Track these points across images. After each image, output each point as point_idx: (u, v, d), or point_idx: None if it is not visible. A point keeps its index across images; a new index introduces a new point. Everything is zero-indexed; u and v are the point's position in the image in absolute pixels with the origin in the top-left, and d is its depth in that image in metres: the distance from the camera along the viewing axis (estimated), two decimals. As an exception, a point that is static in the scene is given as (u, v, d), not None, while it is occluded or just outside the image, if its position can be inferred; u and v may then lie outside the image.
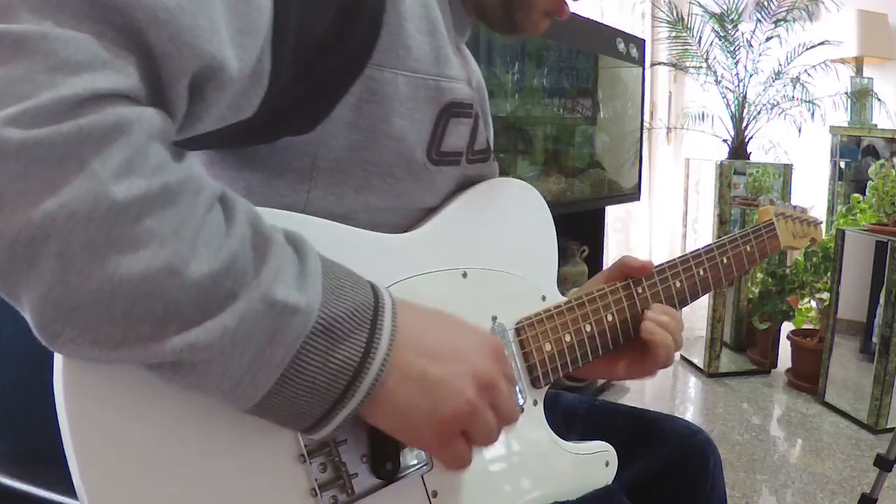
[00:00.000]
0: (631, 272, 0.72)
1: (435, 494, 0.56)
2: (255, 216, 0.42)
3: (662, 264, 0.75)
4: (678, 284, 0.75)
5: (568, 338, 0.67)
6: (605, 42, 2.26)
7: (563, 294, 0.71)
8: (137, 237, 0.34)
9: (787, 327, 2.74)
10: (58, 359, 0.41)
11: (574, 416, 0.84)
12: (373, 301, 0.45)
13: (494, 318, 0.63)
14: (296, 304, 0.40)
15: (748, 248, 0.82)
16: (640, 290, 0.72)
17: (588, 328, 0.68)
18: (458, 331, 0.51)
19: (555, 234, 0.71)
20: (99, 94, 0.34)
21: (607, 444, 0.71)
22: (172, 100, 0.40)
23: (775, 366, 2.74)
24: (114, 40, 0.36)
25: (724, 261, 0.79)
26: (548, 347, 0.65)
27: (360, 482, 0.51)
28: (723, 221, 2.61)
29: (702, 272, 0.77)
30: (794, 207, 0.95)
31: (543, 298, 0.68)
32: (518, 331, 0.64)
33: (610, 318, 0.70)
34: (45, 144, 0.33)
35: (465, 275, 0.62)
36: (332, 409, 0.43)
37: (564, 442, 0.68)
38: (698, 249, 0.78)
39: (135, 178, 0.35)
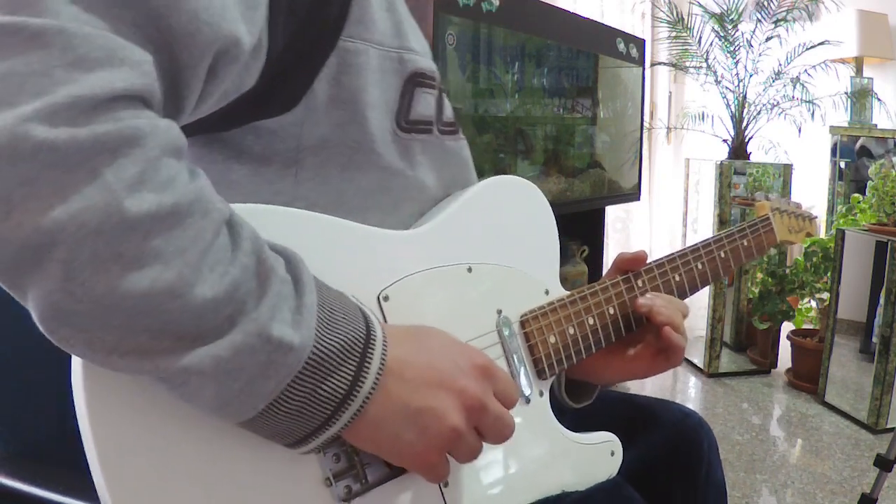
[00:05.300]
0: (626, 264, 0.74)
1: (446, 484, 0.57)
2: (260, 243, 0.42)
3: (662, 258, 0.77)
4: (677, 278, 0.77)
5: (571, 330, 0.68)
6: (605, 42, 2.26)
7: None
8: (144, 255, 0.35)
9: (787, 327, 2.74)
10: (76, 364, 0.42)
11: (564, 406, 0.84)
12: (364, 333, 0.46)
13: (500, 312, 0.64)
14: (290, 342, 0.41)
15: (745, 243, 0.84)
16: (640, 282, 0.74)
17: (591, 321, 0.69)
18: (445, 354, 0.51)
19: (556, 229, 0.72)
20: (116, 95, 0.34)
21: (612, 435, 0.72)
22: (190, 83, 0.40)
23: (775, 366, 2.74)
24: (131, 32, 0.36)
25: (722, 255, 0.81)
26: (552, 339, 0.67)
27: (373, 471, 0.52)
28: (723, 221, 2.60)
29: (700, 266, 0.79)
30: (790, 203, 0.96)
31: (547, 292, 0.69)
32: (523, 324, 0.66)
33: (612, 310, 0.71)
34: (60, 150, 0.32)
35: (469, 270, 0.63)
36: (314, 433, 0.44)
37: (570, 432, 0.69)
38: (696, 244, 0.80)
39: (146, 192, 0.35)
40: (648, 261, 0.76)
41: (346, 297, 0.48)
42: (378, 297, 0.55)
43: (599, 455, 0.71)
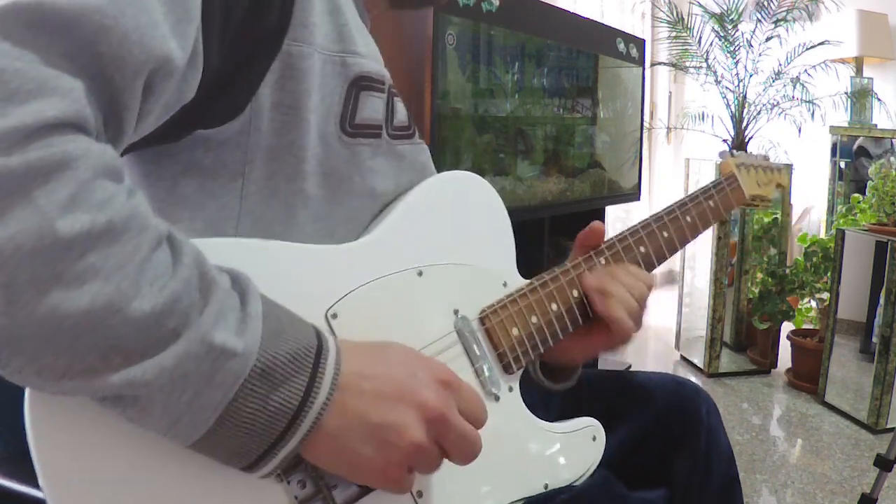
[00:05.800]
0: (584, 239, 0.73)
1: (420, 494, 0.55)
2: (202, 259, 0.42)
3: (624, 231, 0.75)
4: (643, 250, 0.75)
5: (535, 319, 0.66)
6: (605, 42, 2.26)
7: None
8: (82, 273, 0.35)
9: (787, 327, 2.74)
10: (26, 391, 0.41)
11: (552, 393, 0.83)
12: (315, 345, 0.45)
13: (457, 312, 0.63)
14: (233, 347, 0.41)
15: (711, 204, 0.82)
16: (602, 260, 0.72)
17: (554, 307, 0.68)
18: (405, 366, 0.49)
19: (508, 219, 0.71)
20: (48, 124, 0.35)
21: (592, 419, 0.70)
22: (127, 104, 0.41)
23: (775, 366, 2.74)
24: (62, 62, 0.37)
25: (688, 220, 0.79)
26: (515, 332, 0.65)
27: (340, 492, 0.51)
28: (722, 221, 2.61)
29: (665, 234, 0.77)
30: (757, 156, 0.95)
31: (505, 284, 0.67)
32: (482, 320, 0.64)
33: (576, 293, 0.69)
34: None
35: (420, 273, 0.61)
36: (271, 449, 0.43)
37: (546, 423, 0.67)
38: (660, 212, 0.78)
39: (80, 213, 0.35)
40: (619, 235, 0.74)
41: (295, 314, 0.47)
42: (326, 316, 0.54)
43: (581, 442, 0.69)
